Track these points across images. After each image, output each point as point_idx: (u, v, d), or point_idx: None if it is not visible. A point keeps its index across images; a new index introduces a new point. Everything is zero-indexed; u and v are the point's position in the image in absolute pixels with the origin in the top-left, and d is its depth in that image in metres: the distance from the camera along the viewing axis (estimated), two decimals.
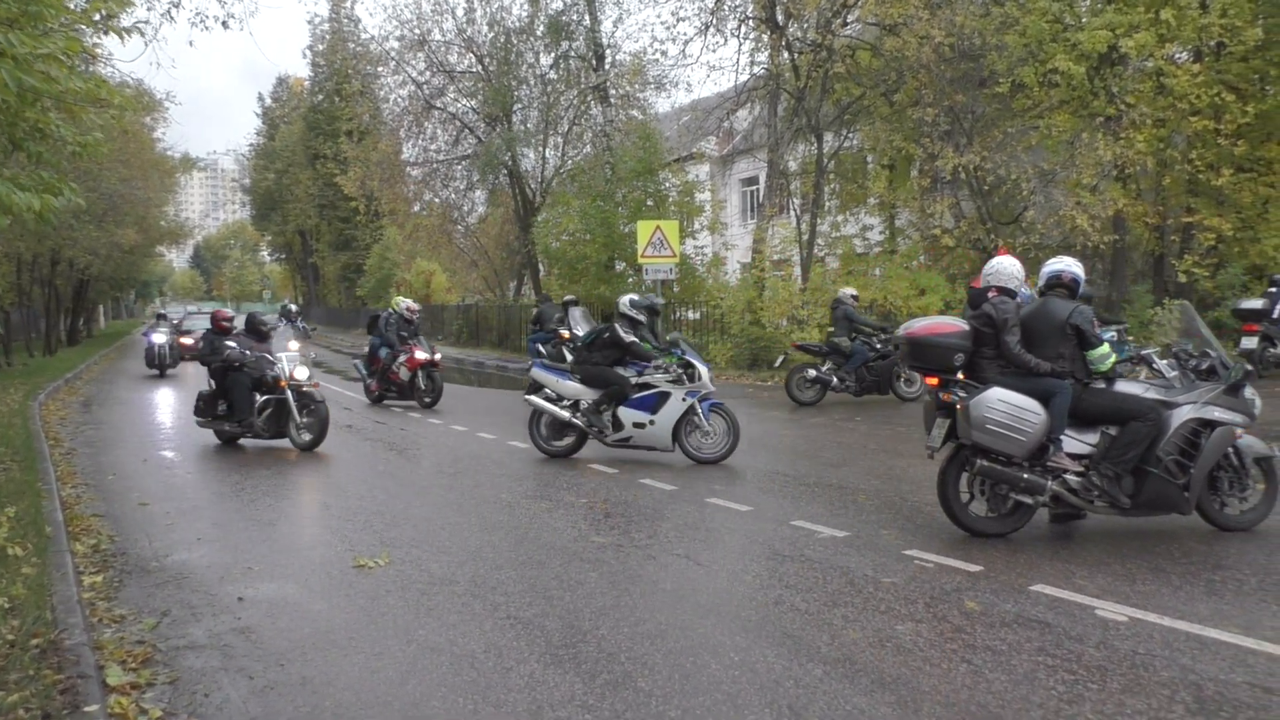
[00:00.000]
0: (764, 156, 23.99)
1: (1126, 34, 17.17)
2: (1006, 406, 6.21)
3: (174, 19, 14.16)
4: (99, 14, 7.63)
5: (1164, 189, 19.62)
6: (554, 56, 27.67)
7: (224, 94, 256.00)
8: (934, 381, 6.60)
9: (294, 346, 17.05)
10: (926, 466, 8.70)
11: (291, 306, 19.83)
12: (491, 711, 3.91)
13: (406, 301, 17.17)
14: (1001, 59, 18.45)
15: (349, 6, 46.48)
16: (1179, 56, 18.88)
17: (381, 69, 31.42)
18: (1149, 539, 6.40)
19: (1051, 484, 6.32)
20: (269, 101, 71.98)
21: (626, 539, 6.71)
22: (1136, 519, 6.68)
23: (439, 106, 30.19)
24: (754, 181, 33.52)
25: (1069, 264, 6.75)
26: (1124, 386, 6.52)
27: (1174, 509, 6.35)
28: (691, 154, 27.63)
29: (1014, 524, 6.49)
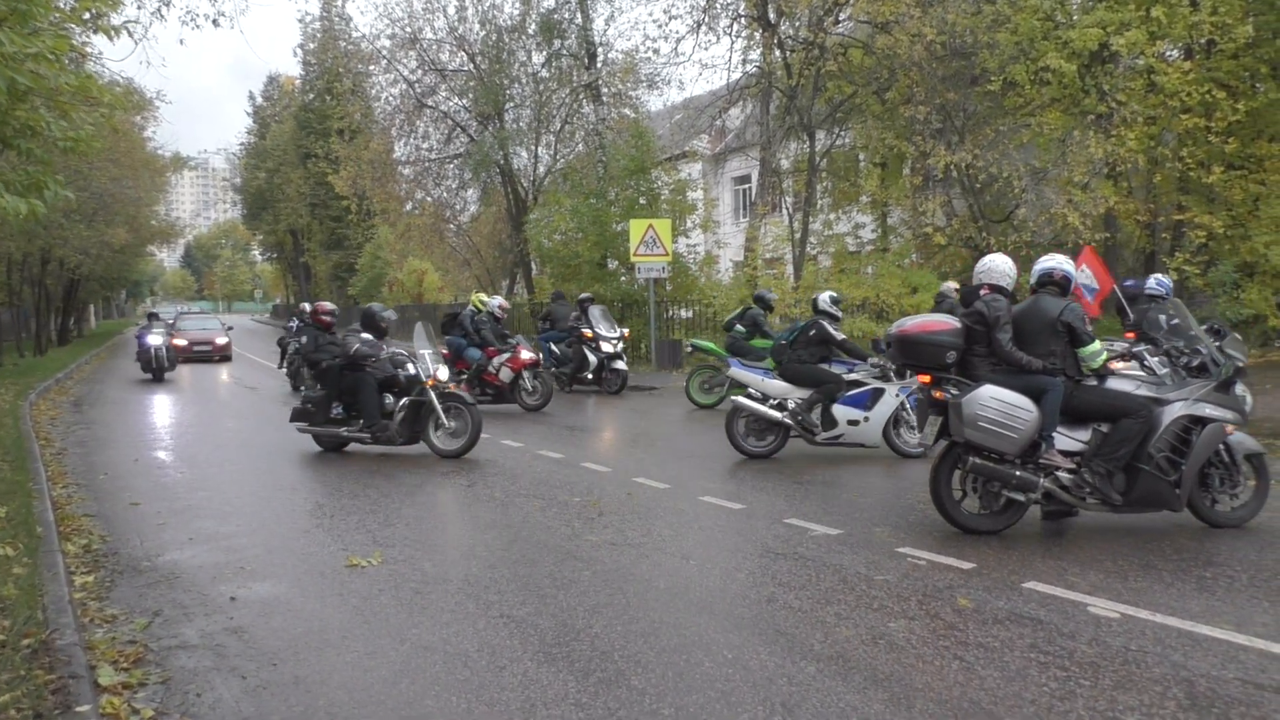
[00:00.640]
0: (756, 155, 24.03)
1: (1117, 32, 17.22)
2: (998, 404, 6.23)
3: (164, 17, 14.08)
4: (88, 13, 7.60)
5: (1155, 187, 19.67)
6: (546, 55, 27.61)
7: (215, 92, 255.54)
8: (926, 379, 6.62)
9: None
10: (919, 464, 8.73)
11: (306, 307, 18.55)
12: (485, 710, 3.91)
13: (498, 299, 16.17)
14: (993, 57, 18.49)
15: (340, 5, 46.32)
16: (1170, 54, 18.94)
17: (373, 67, 31.31)
18: (1141, 536, 6.42)
19: (1044, 481, 6.34)
20: (260, 100, 71.70)
21: (620, 537, 6.71)
22: (1128, 516, 6.71)
23: (431, 105, 30.11)
24: (746, 180, 33.54)
25: (1060, 262, 6.77)
26: (1115, 384, 6.55)
27: (1166, 506, 6.37)
28: (684, 152, 27.65)
29: (1006, 521, 6.51)
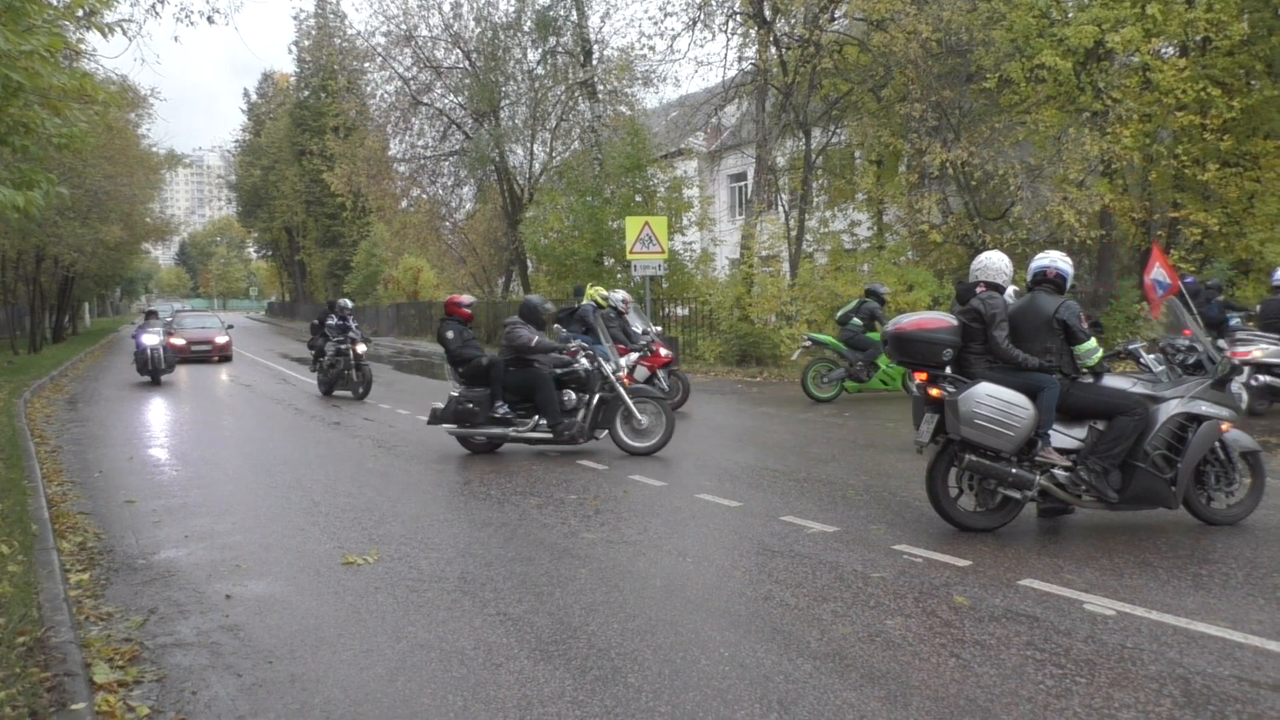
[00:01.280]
0: (752, 152, 24.02)
1: (1113, 29, 17.25)
2: (995, 401, 6.23)
3: (159, 14, 14.08)
4: (82, 10, 7.57)
5: (1150, 184, 19.72)
6: (541, 52, 27.62)
7: (210, 89, 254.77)
8: (922, 377, 6.62)
9: (362, 350, 16.48)
10: (915, 462, 8.74)
11: (347, 304, 16.95)
12: (481, 708, 3.90)
13: (621, 293, 14.59)
14: (988, 54, 18.51)
15: (335, 2, 46.31)
16: (1165, 52, 18.99)
17: (368, 65, 31.31)
18: (1136, 533, 6.43)
19: (1039, 479, 6.35)
20: (255, 97, 71.68)
21: (616, 535, 6.71)
22: (1124, 513, 6.72)
23: (426, 102, 30.10)
24: (742, 177, 33.55)
25: (1055, 259, 6.77)
26: (1111, 381, 6.56)
27: (1161, 503, 6.38)
28: (680, 150, 27.65)
29: (1002, 519, 6.52)
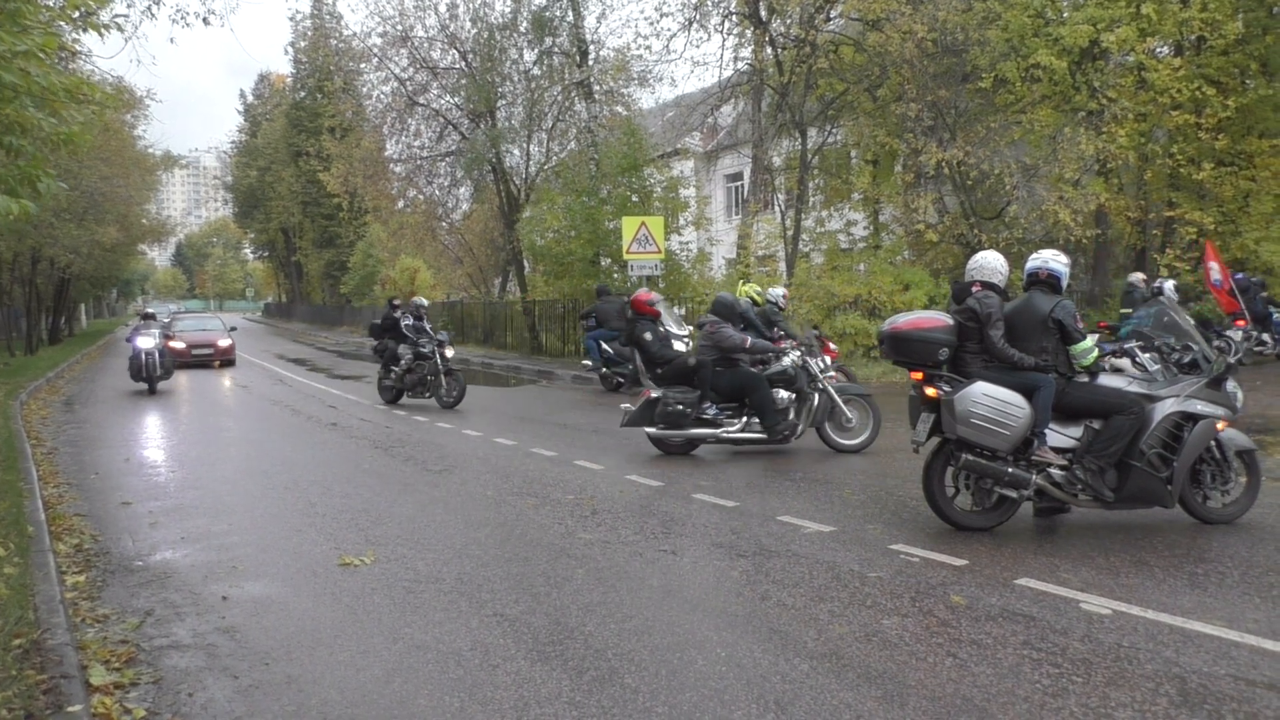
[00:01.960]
0: (748, 152, 24.02)
1: (1108, 29, 17.27)
2: (991, 401, 6.24)
3: (154, 15, 14.08)
4: (77, 11, 7.57)
5: (1146, 183, 19.75)
6: (538, 52, 27.53)
7: (207, 90, 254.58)
8: (919, 376, 6.63)
9: (450, 354, 15.36)
10: (911, 461, 8.74)
11: (424, 303, 17.24)
12: (478, 709, 3.90)
13: (780, 289, 13.20)
14: (984, 54, 18.52)
15: (331, 3, 46.19)
16: (1160, 51, 19.03)
17: (364, 65, 31.20)
18: (1133, 532, 6.44)
19: (1036, 478, 6.36)
20: (251, 98, 71.67)
21: (613, 535, 6.71)
22: (1120, 512, 6.73)
23: (422, 103, 30.03)
24: (739, 177, 33.56)
25: (1047, 259, 6.77)
26: (1107, 380, 6.57)
27: (1157, 502, 6.39)
28: (676, 150, 27.65)
29: (999, 518, 6.53)
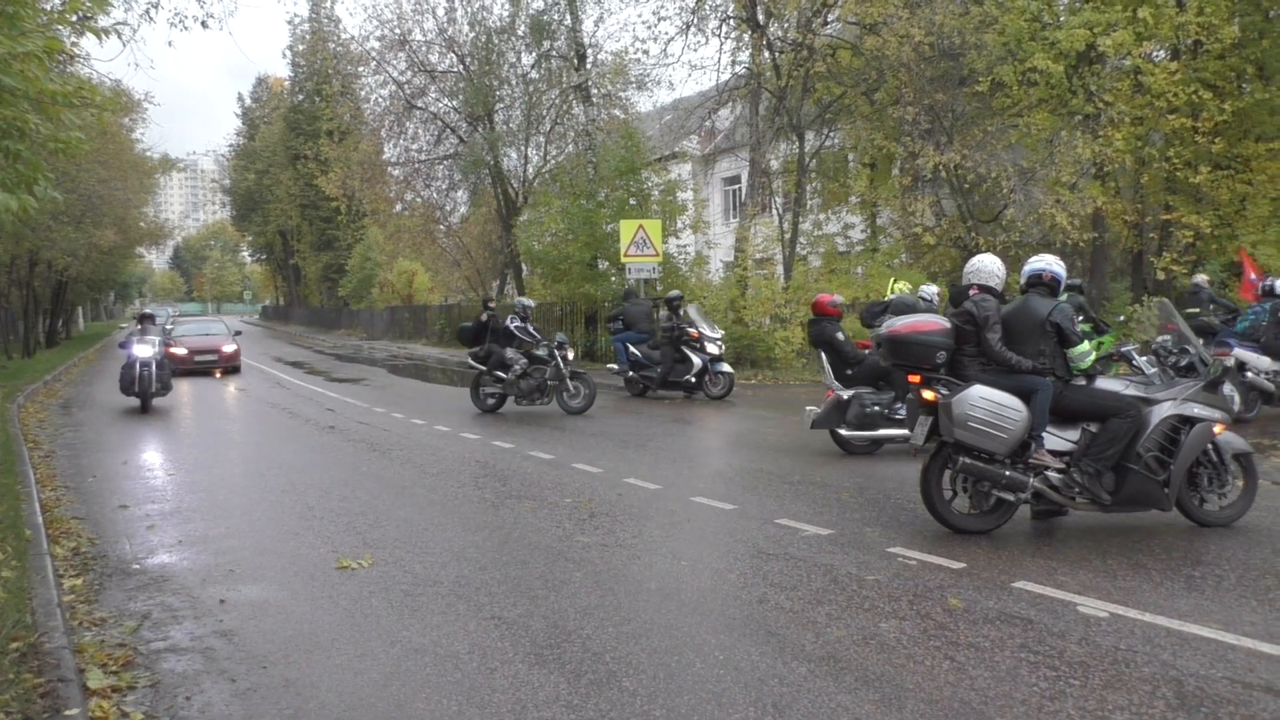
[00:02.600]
0: (746, 155, 24.06)
1: (1104, 32, 17.31)
2: (988, 404, 6.25)
3: (153, 19, 14.06)
4: (76, 14, 7.57)
5: (1142, 187, 19.78)
6: (535, 56, 27.60)
7: (207, 93, 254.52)
8: (916, 379, 6.64)
9: (571, 355, 14.58)
10: (909, 464, 8.75)
11: (530, 303, 15.71)
12: (476, 712, 3.90)
13: (932, 288, 12.23)
14: (981, 58, 18.56)
15: (329, 6, 46.20)
16: (1156, 55, 19.06)
17: (362, 69, 31.30)
18: (1130, 535, 6.45)
19: (1033, 481, 6.36)
20: (249, 101, 71.67)
21: (611, 538, 6.71)
22: (1117, 515, 6.74)
23: (420, 106, 30.09)
24: (736, 180, 33.58)
25: (1050, 262, 6.80)
26: (1104, 384, 6.58)
27: (1154, 505, 6.40)
28: (674, 153, 27.69)
29: (996, 521, 6.54)
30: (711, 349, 15.76)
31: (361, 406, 15.94)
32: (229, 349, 24.14)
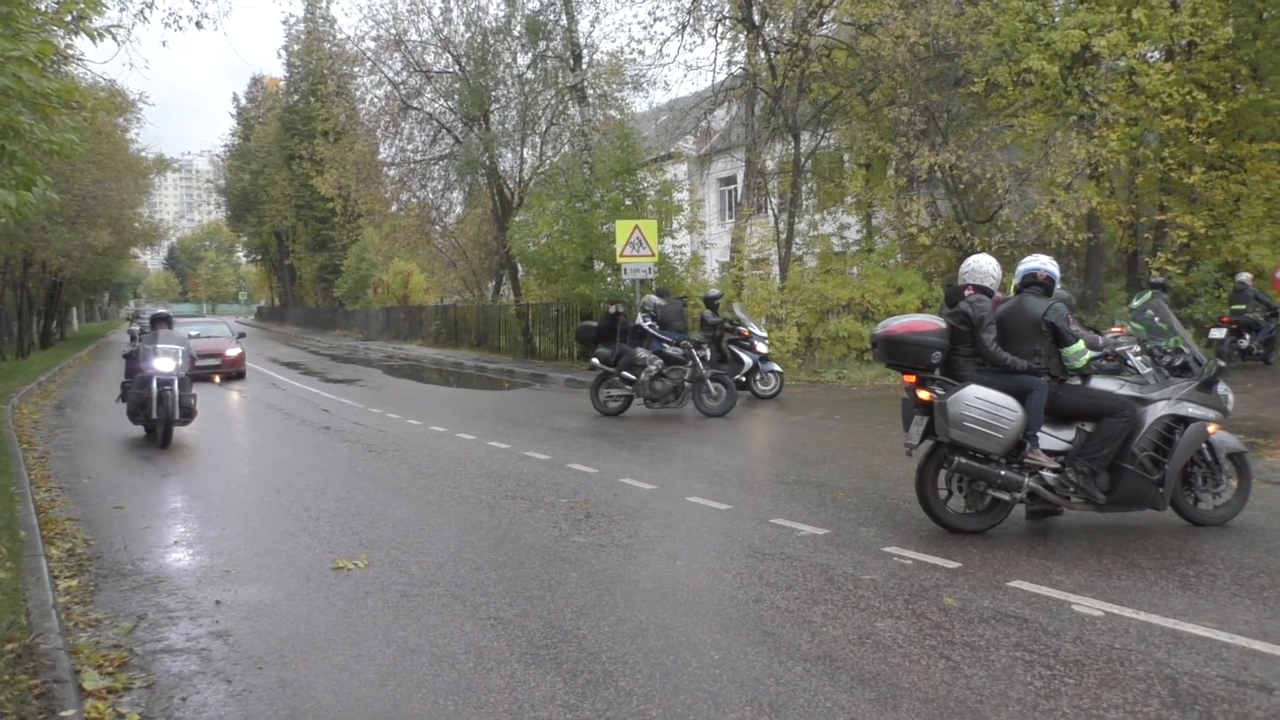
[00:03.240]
0: (742, 156, 24.06)
1: (1099, 33, 17.34)
2: (983, 404, 6.26)
3: (147, 19, 14.05)
4: (70, 15, 7.57)
5: (1137, 187, 19.83)
6: (531, 56, 27.56)
7: (203, 93, 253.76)
8: (911, 379, 6.65)
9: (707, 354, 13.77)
10: (905, 464, 8.76)
11: (658, 301, 15.18)
12: (472, 712, 3.91)
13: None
14: (976, 58, 18.59)
15: (324, 6, 46.18)
16: (1151, 56, 19.10)
17: (357, 69, 31.24)
18: (1124, 534, 6.46)
19: (1028, 480, 6.38)
20: (244, 102, 71.56)
21: (607, 538, 6.72)
22: (1112, 515, 6.76)
23: (416, 107, 30.04)
24: (732, 181, 33.60)
25: (1044, 262, 6.81)
26: (1099, 383, 6.60)
27: (1149, 504, 6.42)
28: (669, 153, 27.65)
29: (991, 520, 6.55)
30: (761, 348, 15.58)
31: (357, 407, 15.93)
32: (233, 353, 22.16)
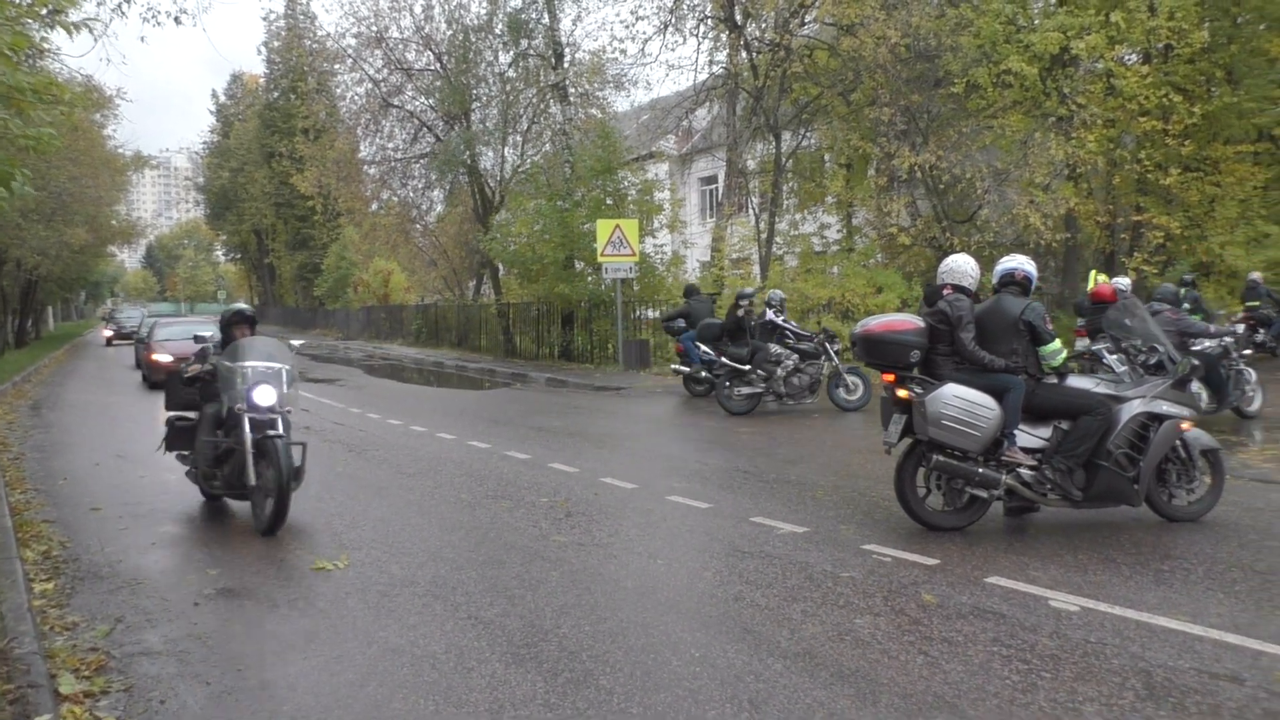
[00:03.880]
0: (723, 155, 24.12)
1: (1078, 36, 17.49)
2: (961, 402, 6.30)
3: (125, 14, 13.94)
4: (46, 8, 7.49)
5: (1114, 188, 20.01)
6: (513, 55, 27.49)
7: (184, 88, 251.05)
8: (890, 378, 6.69)
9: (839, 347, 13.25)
10: (883, 462, 8.79)
11: (783, 295, 15.02)
12: (453, 712, 3.90)
13: (1126, 280, 10.62)
14: (956, 60, 18.69)
15: (305, 3, 46.09)
16: (1129, 58, 19.28)
17: (338, 66, 31.05)
18: (1100, 530, 6.52)
19: (1006, 478, 6.43)
20: (223, 99, 71.02)
21: (588, 537, 6.72)
22: (1088, 511, 6.82)
23: (397, 104, 29.89)
24: (713, 180, 33.65)
25: (1022, 262, 6.87)
26: (1075, 382, 6.66)
27: (1124, 501, 6.48)
28: (651, 153, 27.70)
29: (969, 517, 6.60)
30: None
31: (337, 407, 15.85)
32: None
